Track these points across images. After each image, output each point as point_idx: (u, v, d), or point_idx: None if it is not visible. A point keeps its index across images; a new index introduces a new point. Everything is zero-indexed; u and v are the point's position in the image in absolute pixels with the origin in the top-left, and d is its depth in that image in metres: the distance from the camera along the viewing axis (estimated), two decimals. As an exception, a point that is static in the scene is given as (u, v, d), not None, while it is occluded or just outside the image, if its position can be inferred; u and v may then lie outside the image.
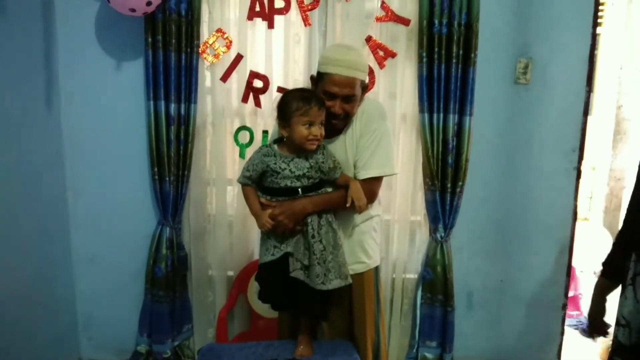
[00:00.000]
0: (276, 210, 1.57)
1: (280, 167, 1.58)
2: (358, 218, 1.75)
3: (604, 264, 1.51)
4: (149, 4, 2.07)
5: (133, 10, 2.06)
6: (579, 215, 2.62)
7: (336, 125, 1.66)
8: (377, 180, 1.71)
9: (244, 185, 1.68)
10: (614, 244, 1.51)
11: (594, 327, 1.54)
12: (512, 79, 2.44)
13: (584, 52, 2.43)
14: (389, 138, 1.73)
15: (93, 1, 2.29)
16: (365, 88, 1.71)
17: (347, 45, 1.86)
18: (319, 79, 1.67)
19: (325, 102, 1.60)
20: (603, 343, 2.78)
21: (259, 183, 1.66)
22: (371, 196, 1.71)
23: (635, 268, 1.35)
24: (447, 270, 2.48)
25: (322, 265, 1.57)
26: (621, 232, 1.48)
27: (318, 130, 1.54)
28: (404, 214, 2.53)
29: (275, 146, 1.63)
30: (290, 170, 1.58)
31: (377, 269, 1.85)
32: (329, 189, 1.67)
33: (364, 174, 1.67)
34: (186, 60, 2.28)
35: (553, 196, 2.52)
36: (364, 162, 1.68)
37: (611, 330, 1.49)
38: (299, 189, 1.59)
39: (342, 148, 1.71)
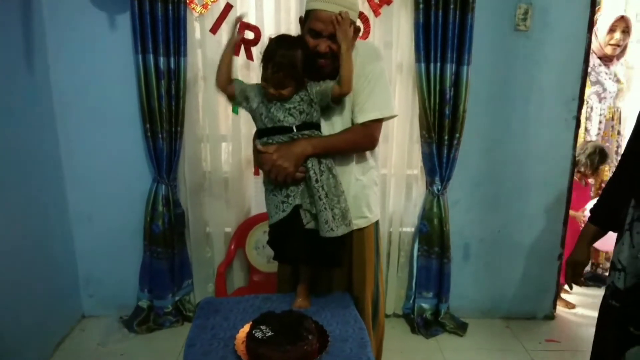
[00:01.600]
0: (274, 155, 1.51)
1: (271, 103, 1.52)
2: (359, 170, 1.72)
3: (592, 211, 1.49)
4: None
5: None
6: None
7: (323, 65, 1.56)
8: (376, 123, 1.65)
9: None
10: (605, 190, 1.50)
11: (573, 273, 1.53)
12: (512, 26, 2.36)
13: (586, -6, 2.34)
14: (385, 79, 1.67)
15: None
16: (357, 30, 1.63)
17: None
18: (305, 18, 1.59)
19: (312, 40, 1.54)
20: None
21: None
22: (372, 141, 1.67)
23: (634, 214, 1.34)
24: (443, 222, 2.49)
25: (329, 211, 1.55)
26: (613, 179, 1.46)
27: (273, 91, 1.49)
28: (400, 168, 2.51)
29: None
30: (280, 103, 1.51)
31: (377, 223, 1.83)
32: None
33: (362, 118, 1.62)
34: (173, 11, 2.20)
35: (551, 146, 2.49)
36: (362, 106, 1.62)
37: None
38: (294, 127, 1.54)
39: None
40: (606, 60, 2.88)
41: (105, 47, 2.32)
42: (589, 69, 2.75)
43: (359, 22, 1.65)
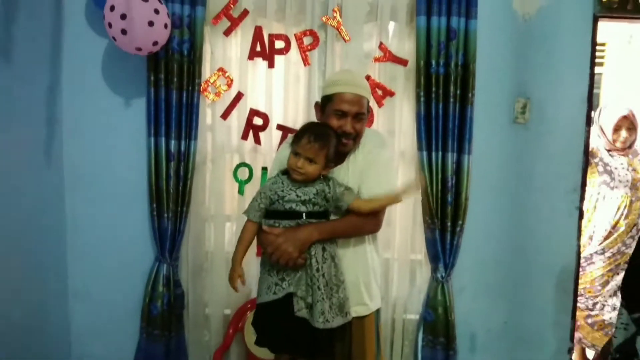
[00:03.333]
0: (280, 238, 1.53)
1: (286, 192, 1.57)
2: (361, 255, 1.72)
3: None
4: (155, 43, 2.12)
5: (139, 49, 2.11)
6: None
7: (347, 145, 1.66)
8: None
9: (249, 221, 1.64)
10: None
11: None
12: (511, 118, 2.45)
13: (583, 91, 2.45)
14: (391, 166, 1.75)
15: (100, 40, 2.35)
16: (369, 112, 1.75)
17: (349, 69, 1.99)
18: (326, 101, 1.68)
19: (336, 121, 1.63)
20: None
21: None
22: (376, 224, 1.70)
23: None
24: (448, 311, 2.43)
25: (327, 301, 1.53)
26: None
27: (302, 163, 1.55)
28: (404, 253, 2.50)
29: (284, 175, 1.63)
30: (296, 194, 1.56)
31: (378, 311, 1.80)
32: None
33: None
34: (187, 98, 2.31)
35: (555, 236, 2.48)
36: (368, 191, 1.67)
37: None
38: (304, 214, 1.56)
39: (345, 176, 1.70)
40: (619, 151, 2.83)
41: (120, 128, 2.42)
42: (597, 160, 2.82)
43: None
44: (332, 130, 1.62)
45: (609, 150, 2.84)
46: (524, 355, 2.54)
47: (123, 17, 1.99)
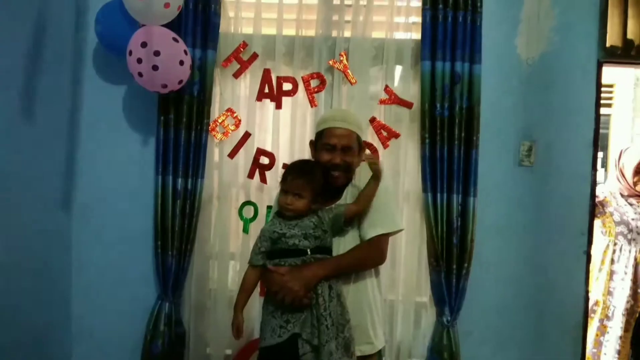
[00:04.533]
0: (286, 276, 1.53)
1: (286, 229, 1.60)
2: (363, 293, 1.70)
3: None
4: (180, 82, 2.18)
5: (165, 86, 2.15)
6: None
7: (338, 178, 1.69)
8: (384, 237, 1.70)
9: (253, 266, 1.66)
10: None
11: None
12: (516, 161, 2.45)
13: (588, 134, 2.45)
14: (390, 195, 1.76)
15: (112, 86, 2.44)
16: (362, 147, 1.78)
17: (343, 108, 2.17)
18: (318, 138, 1.75)
19: (326, 155, 1.68)
20: None
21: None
22: (380, 255, 1.71)
23: None
24: (454, 357, 2.36)
25: (333, 341, 1.51)
26: None
27: (291, 200, 1.59)
28: (408, 295, 2.46)
29: (279, 217, 1.66)
30: (295, 230, 1.59)
31: (380, 353, 1.76)
32: None
33: (370, 233, 1.67)
34: (196, 137, 2.36)
35: (563, 281, 2.44)
36: (369, 222, 1.68)
37: None
38: (308, 250, 1.57)
39: None
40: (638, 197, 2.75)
41: (129, 166, 2.47)
42: (612, 210, 2.76)
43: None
44: (317, 164, 1.69)
45: (627, 197, 2.74)
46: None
47: (157, 53, 2.05)
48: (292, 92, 2.42)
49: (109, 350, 2.47)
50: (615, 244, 2.74)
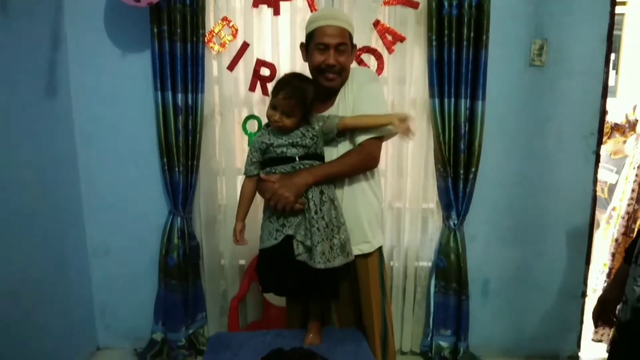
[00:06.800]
0: (276, 184, 1.55)
1: (273, 139, 1.59)
2: (359, 194, 1.71)
3: (626, 250, 1.46)
4: None
5: (137, 0, 2.05)
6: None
7: (333, 81, 1.64)
8: (375, 141, 1.67)
9: (248, 177, 1.67)
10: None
11: (601, 310, 1.49)
12: (527, 61, 2.36)
13: (602, 32, 2.34)
14: (382, 98, 1.71)
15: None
16: (354, 47, 1.71)
17: (331, 6, 2.06)
18: (309, 39, 1.67)
19: (319, 56, 1.62)
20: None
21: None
22: (372, 160, 1.69)
23: None
24: (460, 258, 2.44)
25: (327, 242, 1.55)
26: None
27: (279, 117, 1.56)
28: (415, 202, 2.49)
29: (268, 127, 1.64)
30: (283, 139, 1.58)
31: (380, 251, 1.81)
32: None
33: (362, 137, 1.64)
34: (192, 49, 2.27)
35: (571, 181, 2.45)
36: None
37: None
38: (296, 157, 1.58)
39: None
40: None
41: (126, 85, 2.41)
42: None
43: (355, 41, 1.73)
44: (310, 81, 1.61)
45: None
46: (536, 301, 2.57)
47: None
48: (290, -4, 2.28)
49: (127, 266, 2.57)
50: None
